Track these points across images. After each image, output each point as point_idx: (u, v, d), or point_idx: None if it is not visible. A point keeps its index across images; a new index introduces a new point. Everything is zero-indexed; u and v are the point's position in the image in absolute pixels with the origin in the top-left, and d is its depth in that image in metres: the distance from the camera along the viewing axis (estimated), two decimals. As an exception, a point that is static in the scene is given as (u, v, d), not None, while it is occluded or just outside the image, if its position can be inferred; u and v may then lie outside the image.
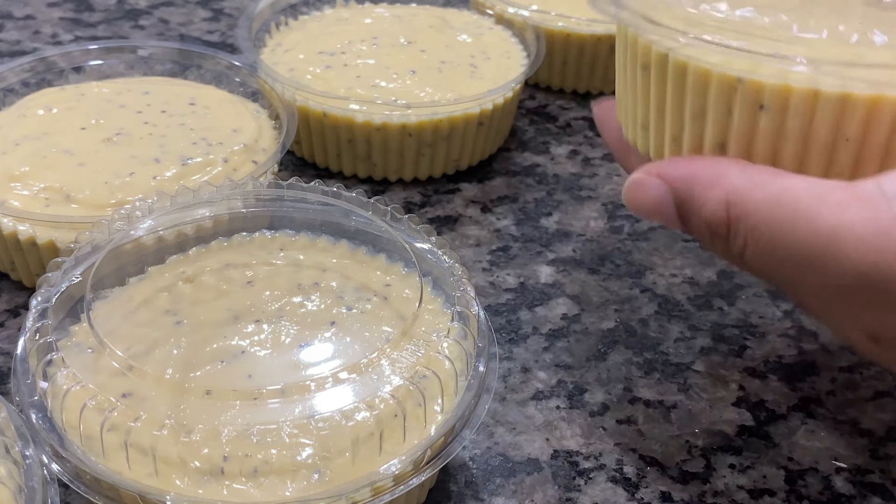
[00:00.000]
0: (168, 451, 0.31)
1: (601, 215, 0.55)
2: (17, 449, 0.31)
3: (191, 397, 0.33)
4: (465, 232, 0.53)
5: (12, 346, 0.44)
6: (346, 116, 0.54)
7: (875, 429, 0.42)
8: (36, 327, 0.34)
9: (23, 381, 0.33)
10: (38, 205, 0.45)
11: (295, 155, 0.59)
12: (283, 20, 0.62)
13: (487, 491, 0.38)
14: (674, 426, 0.42)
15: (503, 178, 0.58)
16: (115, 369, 0.34)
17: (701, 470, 0.40)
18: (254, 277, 0.39)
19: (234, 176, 0.47)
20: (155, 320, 0.37)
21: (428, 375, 0.34)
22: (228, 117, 0.52)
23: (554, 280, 0.50)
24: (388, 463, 0.32)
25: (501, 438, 0.41)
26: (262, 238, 0.42)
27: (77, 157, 0.47)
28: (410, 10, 0.65)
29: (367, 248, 0.42)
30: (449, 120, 0.54)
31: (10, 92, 0.53)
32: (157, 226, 0.40)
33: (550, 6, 0.64)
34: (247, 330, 0.36)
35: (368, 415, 0.32)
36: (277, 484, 0.31)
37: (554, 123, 0.64)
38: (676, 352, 0.46)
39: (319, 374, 0.34)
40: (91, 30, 0.73)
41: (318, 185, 0.42)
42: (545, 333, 0.47)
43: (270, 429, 0.32)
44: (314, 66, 0.57)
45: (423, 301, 0.37)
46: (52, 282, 0.37)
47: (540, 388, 0.43)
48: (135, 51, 0.57)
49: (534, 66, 0.57)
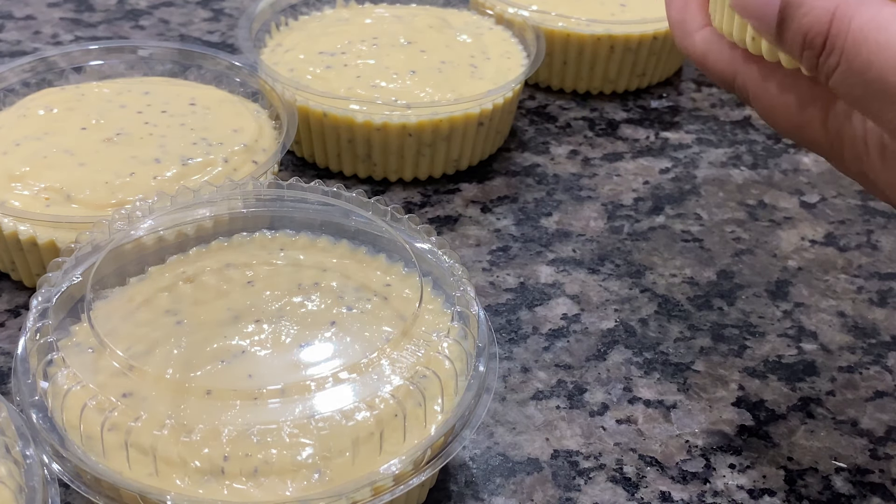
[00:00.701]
0: (168, 450, 0.32)
1: (601, 215, 0.55)
2: (18, 449, 0.31)
3: (191, 397, 0.33)
4: (465, 232, 0.53)
5: (13, 346, 0.44)
6: (346, 116, 0.54)
7: (875, 429, 0.42)
8: (36, 327, 0.35)
9: (23, 381, 0.34)
10: (38, 205, 0.45)
11: (295, 155, 0.59)
12: (283, 20, 0.62)
13: (487, 491, 0.39)
14: (674, 426, 0.42)
15: (503, 178, 0.58)
16: (115, 369, 0.34)
17: (701, 470, 0.40)
18: (254, 277, 0.39)
19: (235, 176, 0.47)
20: (155, 320, 0.37)
21: (428, 375, 0.34)
22: (229, 117, 0.52)
23: (554, 280, 0.50)
24: (388, 463, 0.32)
25: (501, 438, 0.41)
26: (262, 238, 0.42)
27: (77, 157, 0.47)
28: (410, 10, 0.65)
29: (368, 248, 0.42)
30: (449, 120, 0.55)
31: (11, 92, 0.53)
32: (158, 226, 0.40)
33: (550, 6, 0.64)
34: (247, 330, 0.37)
35: (368, 415, 0.32)
36: (278, 484, 0.32)
37: (554, 123, 0.64)
38: (676, 352, 0.46)
39: (319, 373, 0.34)
40: (91, 30, 0.73)
41: (318, 185, 0.42)
42: (545, 333, 0.47)
43: (270, 429, 0.32)
44: (314, 66, 0.57)
45: (423, 301, 0.37)
46: (53, 282, 0.37)
47: (540, 388, 0.43)
48: (135, 51, 0.57)
49: (534, 66, 0.57)
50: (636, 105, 0.67)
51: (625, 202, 0.57)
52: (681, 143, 0.63)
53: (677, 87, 0.70)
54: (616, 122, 0.65)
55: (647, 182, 0.59)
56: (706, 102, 0.68)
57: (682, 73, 0.71)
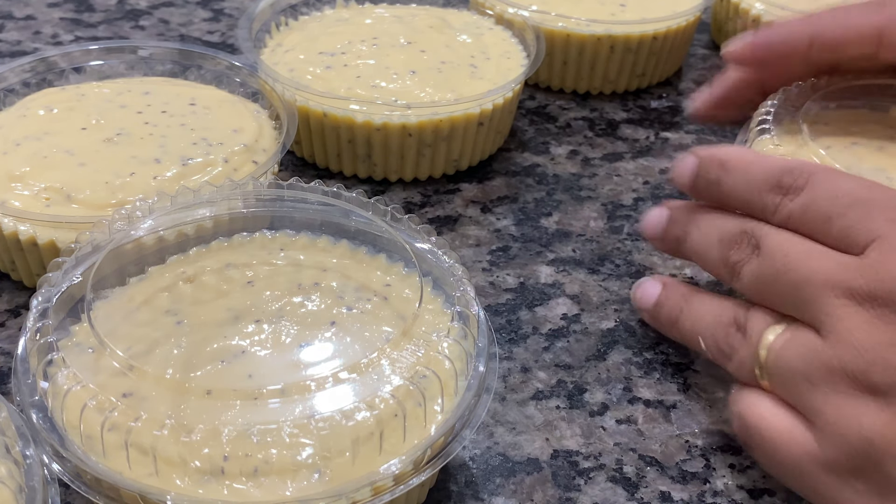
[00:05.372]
0: (168, 450, 0.32)
1: (601, 215, 0.55)
2: (18, 449, 0.31)
3: (191, 397, 0.33)
4: (465, 232, 0.53)
5: (13, 346, 0.44)
6: (346, 117, 0.54)
7: (875, 429, 0.42)
8: (36, 327, 0.35)
9: (23, 381, 0.34)
10: (38, 205, 0.45)
11: (295, 155, 0.60)
12: (283, 20, 0.62)
13: (487, 491, 0.39)
14: (674, 426, 0.42)
15: (503, 178, 0.58)
16: (115, 369, 0.34)
17: (701, 470, 0.40)
18: (254, 277, 0.39)
19: (235, 176, 0.47)
20: (155, 320, 0.37)
21: (428, 375, 0.34)
22: (229, 117, 0.52)
23: (554, 280, 0.50)
24: (388, 463, 0.32)
25: (501, 438, 0.41)
26: (262, 238, 0.42)
27: (78, 158, 0.47)
28: (410, 10, 0.65)
29: (368, 248, 0.42)
30: (449, 120, 0.55)
31: (11, 92, 0.53)
32: (158, 226, 0.40)
33: (550, 6, 0.65)
34: (247, 330, 0.37)
35: (368, 415, 0.32)
36: (277, 484, 0.32)
37: (554, 123, 0.64)
38: (676, 352, 0.46)
39: (319, 373, 0.34)
40: (91, 30, 0.73)
41: (318, 185, 0.42)
42: (545, 333, 0.47)
43: (270, 429, 0.32)
44: (314, 66, 0.57)
45: (423, 301, 0.37)
46: (53, 282, 0.37)
47: (540, 388, 0.43)
48: (135, 51, 0.57)
49: (534, 66, 0.57)
50: (636, 105, 0.67)
51: (625, 202, 0.57)
52: (681, 143, 0.63)
53: (677, 87, 0.70)
54: (616, 122, 0.65)
55: (647, 182, 0.59)
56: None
57: (682, 73, 0.71)
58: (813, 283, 0.35)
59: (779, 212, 0.38)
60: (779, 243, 0.37)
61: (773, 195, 0.38)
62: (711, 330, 0.40)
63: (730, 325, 0.39)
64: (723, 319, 0.39)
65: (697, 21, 0.69)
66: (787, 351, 0.36)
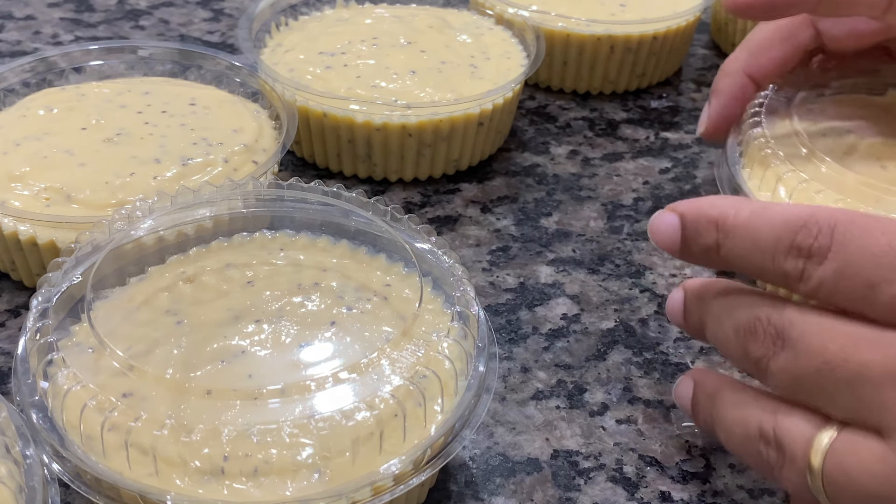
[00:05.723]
0: (168, 450, 0.32)
1: (601, 215, 0.55)
2: (18, 449, 0.31)
3: (191, 397, 0.33)
4: (465, 232, 0.53)
5: (13, 346, 0.44)
6: (346, 117, 0.54)
7: (875, 429, 0.42)
8: (36, 327, 0.35)
9: (23, 381, 0.34)
10: (38, 205, 0.45)
11: (295, 155, 0.60)
12: (283, 20, 0.62)
13: (487, 491, 0.39)
14: (674, 426, 0.42)
15: (503, 178, 0.58)
16: (115, 369, 0.34)
17: (701, 470, 0.40)
18: (254, 277, 0.39)
19: (235, 176, 0.47)
20: (155, 320, 0.37)
21: (428, 375, 0.34)
22: (229, 117, 0.52)
23: (554, 280, 0.50)
24: (388, 463, 0.32)
25: (501, 438, 0.41)
26: (262, 238, 0.42)
27: (77, 158, 0.47)
28: (410, 10, 0.65)
29: (368, 248, 0.42)
30: (449, 120, 0.55)
31: (11, 92, 0.53)
32: (158, 226, 0.40)
33: (550, 6, 0.64)
34: (247, 330, 0.37)
35: (368, 415, 0.32)
36: (277, 484, 0.32)
37: (554, 123, 0.64)
38: (676, 352, 0.46)
39: (319, 373, 0.34)
40: (91, 30, 0.73)
41: (318, 185, 0.42)
42: (545, 333, 0.47)
43: (270, 429, 0.32)
44: (314, 66, 0.57)
45: (423, 301, 0.37)
46: (53, 282, 0.37)
47: (540, 388, 0.43)
48: (135, 51, 0.57)
49: (534, 67, 0.57)
50: (636, 105, 0.67)
51: (625, 202, 0.57)
52: (681, 143, 0.63)
53: (677, 87, 0.70)
54: (616, 122, 0.65)
55: (647, 182, 0.59)
56: (706, 102, 0.68)
57: (682, 73, 0.71)
58: (868, 380, 0.29)
59: (805, 282, 0.31)
60: (810, 333, 0.30)
61: (793, 260, 0.31)
62: (743, 448, 0.34)
63: (757, 439, 0.33)
64: (750, 432, 0.33)
65: (697, 21, 0.69)
66: (848, 466, 0.30)
